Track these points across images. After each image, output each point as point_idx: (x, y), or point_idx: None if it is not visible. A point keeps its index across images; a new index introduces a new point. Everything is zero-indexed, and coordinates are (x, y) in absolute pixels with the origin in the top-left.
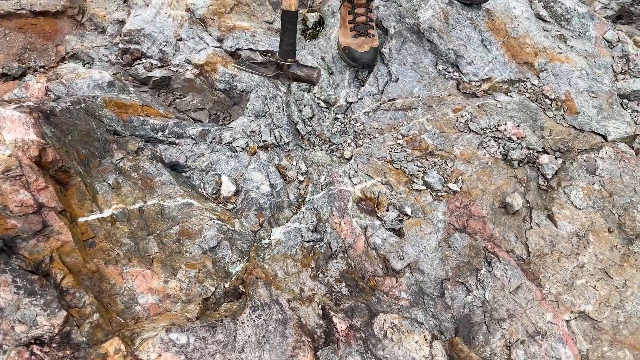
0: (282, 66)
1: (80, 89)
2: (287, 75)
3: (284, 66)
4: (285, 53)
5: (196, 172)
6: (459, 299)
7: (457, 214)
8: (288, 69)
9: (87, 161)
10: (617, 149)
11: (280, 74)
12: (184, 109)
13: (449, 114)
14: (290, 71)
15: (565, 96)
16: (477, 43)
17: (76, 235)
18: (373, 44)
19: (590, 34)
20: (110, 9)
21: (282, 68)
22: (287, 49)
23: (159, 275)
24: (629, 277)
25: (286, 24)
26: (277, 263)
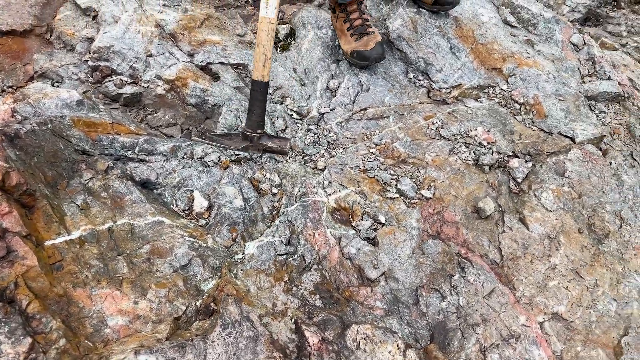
0: (252, 138)
1: (48, 109)
2: (257, 147)
3: (253, 138)
4: (255, 124)
5: (168, 189)
6: (433, 305)
7: (431, 220)
8: (258, 140)
9: (54, 183)
10: (585, 151)
11: (250, 146)
12: (156, 125)
13: (420, 121)
14: (260, 143)
15: (533, 100)
16: (446, 50)
17: (42, 259)
18: (377, 39)
19: (556, 38)
20: (79, 26)
21: (251, 140)
22: (257, 120)
23: (128, 296)
24: (600, 277)
25: (257, 95)
26: (250, 278)
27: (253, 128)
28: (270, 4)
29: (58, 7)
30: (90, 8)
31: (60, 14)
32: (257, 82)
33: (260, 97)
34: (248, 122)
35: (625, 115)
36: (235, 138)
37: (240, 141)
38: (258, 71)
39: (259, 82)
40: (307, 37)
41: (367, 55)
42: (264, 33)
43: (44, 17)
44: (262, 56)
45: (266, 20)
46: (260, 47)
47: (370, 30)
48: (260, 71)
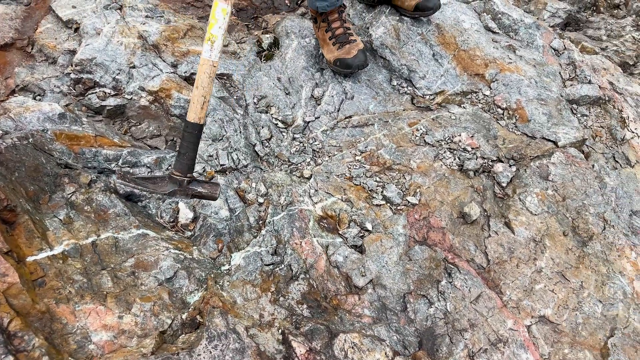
0: (181, 182)
1: (30, 123)
2: (186, 192)
3: (183, 182)
4: (186, 167)
5: (152, 201)
6: (421, 311)
7: (417, 226)
8: (187, 185)
9: (36, 198)
10: (568, 154)
11: (178, 190)
12: (140, 137)
13: (404, 128)
14: (190, 187)
15: (516, 105)
16: (429, 57)
17: (24, 275)
18: (359, 47)
19: (537, 43)
20: (61, 39)
21: (180, 184)
22: (188, 163)
23: (113, 310)
24: (585, 279)
25: (191, 137)
26: (236, 289)
27: (183, 172)
28: (215, 47)
29: (39, 20)
30: (72, 20)
31: (41, 27)
32: (192, 124)
33: (194, 140)
34: (177, 164)
35: (607, 118)
36: (161, 182)
37: (167, 185)
38: (195, 113)
39: (195, 124)
40: (291, 46)
41: (350, 63)
42: (206, 75)
43: (25, 30)
44: (202, 98)
45: (209, 63)
46: (200, 89)
47: (352, 39)
48: (197, 113)
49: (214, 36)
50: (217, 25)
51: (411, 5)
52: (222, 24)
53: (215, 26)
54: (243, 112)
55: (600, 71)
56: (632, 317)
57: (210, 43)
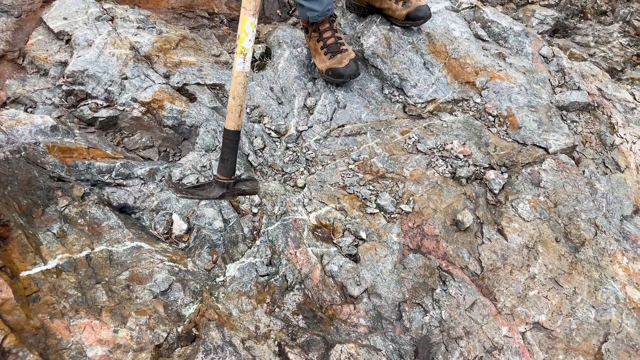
0: (228, 185)
1: (22, 136)
2: (233, 192)
3: (229, 185)
4: (230, 171)
5: (146, 213)
6: (416, 320)
7: (411, 234)
8: (233, 186)
9: (29, 212)
10: (559, 161)
11: (227, 193)
12: (133, 148)
13: (397, 136)
14: (236, 188)
15: (507, 112)
16: (420, 66)
17: (18, 291)
18: (350, 56)
19: (527, 50)
20: (52, 50)
21: (227, 187)
22: (231, 167)
23: (108, 325)
24: (578, 285)
25: (231, 143)
26: (232, 301)
27: (228, 175)
28: (247, 60)
29: (30, 32)
30: (64, 32)
31: (32, 39)
32: (232, 132)
33: (234, 146)
34: (222, 169)
35: (596, 124)
36: (209, 187)
37: (215, 189)
38: (233, 121)
39: (234, 131)
40: (283, 56)
41: (342, 72)
42: (241, 86)
43: (16, 42)
44: (238, 107)
45: (243, 75)
46: (236, 100)
47: (344, 48)
48: (235, 121)
49: (245, 49)
50: (247, 38)
51: (402, 14)
52: (251, 37)
53: (246, 39)
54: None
55: (588, 78)
56: (625, 322)
57: (242, 56)
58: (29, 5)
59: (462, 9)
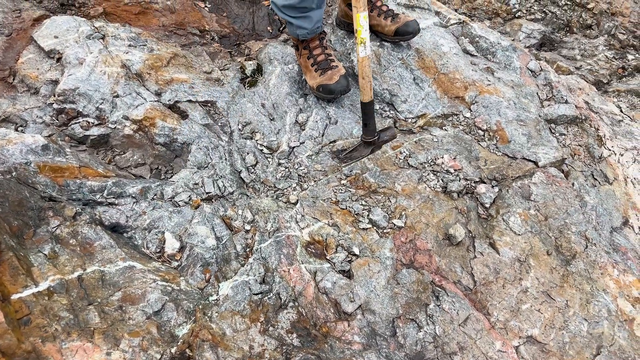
0: (374, 141)
1: (12, 155)
2: (379, 145)
3: (375, 141)
4: (373, 132)
5: (138, 232)
6: (410, 336)
7: (404, 249)
8: (379, 141)
9: (20, 232)
10: (548, 174)
11: (375, 148)
12: (125, 166)
13: (388, 151)
14: (380, 142)
15: (496, 126)
16: (410, 82)
17: (9, 314)
18: (341, 72)
19: (514, 65)
20: (43, 69)
21: (374, 143)
22: (373, 128)
23: (100, 347)
24: (570, 298)
25: (371, 110)
26: (225, 321)
27: (373, 134)
28: (367, 46)
29: (21, 51)
30: (54, 50)
31: (23, 57)
32: (368, 103)
33: (372, 113)
34: (367, 132)
35: (584, 136)
36: (360, 148)
37: (366, 148)
38: (368, 95)
39: (370, 102)
40: (274, 73)
41: (333, 88)
42: (368, 68)
43: (6, 61)
44: (369, 84)
45: (367, 58)
46: (366, 79)
47: (334, 64)
48: (369, 95)
49: (364, 39)
50: (363, 29)
51: (391, 30)
52: (367, 27)
53: (363, 30)
54: (228, 139)
55: (576, 91)
56: (618, 335)
57: (363, 45)
58: (20, 24)
59: (451, 25)
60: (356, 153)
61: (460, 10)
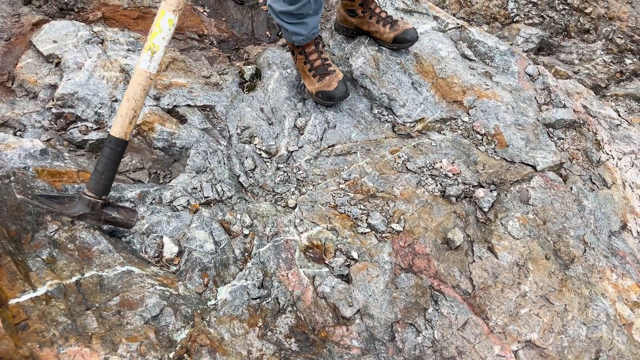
0: (94, 205)
1: (11, 160)
2: (99, 216)
3: (96, 205)
4: (102, 188)
5: (136, 236)
6: (409, 340)
7: (402, 253)
8: (101, 208)
9: (18, 237)
10: (547, 178)
11: (90, 214)
12: (123, 170)
13: (386, 155)
14: (104, 212)
15: (494, 130)
16: (408, 86)
17: (7, 319)
18: (339, 77)
19: (513, 69)
20: (42, 73)
21: (93, 207)
22: (105, 183)
23: (98, 352)
24: (569, 302)
25: (113, 154)
26: (224, 325)
27: (98, 193)
28: (155, 59)
29: (19, 55)
30: (53, 55)
31: (22, 62)
32: (116, 140)
33: (116, 158)
34: (92, 183)
35: (582, 140)
36: (69, 202)
37: (77, 205)
38: (122, 127)
39: (119, 139)
40: (273, 77)
41: (332, 95)
42: (140, 87)
43: (5, 66)
44: (132, 112)
45: (145, 75)
46: (131, 102)
47: (331, 69)
48: (124, 128)
49: (155, 46)
50: (161, 35)
51: (390, 37)
52: (166, 35)
53: (159, 35)
54: (227, 143)
55: (574, 95)
56: (616, 339)
57: (150, 53)
58: (19, 29)
59: (449, 29)
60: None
61: (459, 14)
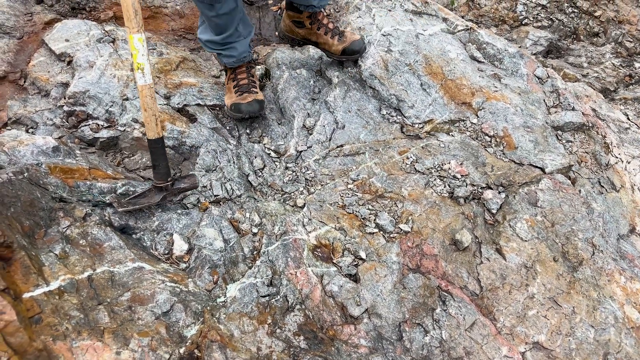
0: (166, 187)
1: (24, 157)
2: (173, 192)
3: (167, 186)
4: (165, 175)
5: (147, 233)
6: (417, 340)
7: (410, 254)
8: (172, 187)
9: (31, 232)
10: (555, 180)
11: (167, 194)
12: (133, 168)
13: (395, 156)
14: (174, 188)
15: (503, 132)
16: (417, 87)
17: (21, 312)
18: (257, 97)
19: (521, 71)
20: (54, 72)
21: (166, 189)
22: (165, 171)
23: (110, 346)
24: (577, 304)
25: (159, 150)
26: (233, 322)
27: (165, 179)
28: (146, 73)
29: (32, 54)
30: (65, 54)
31: (34, 60)
32: (155, 140)
33: (162, 151)
34: (157, 175)
35: (591, 143)
36: (149, 194)
37: (156, 194)
38: (153, 131)
39: (157, 139)
40: (282, 77)
41: (243, 109)
42: (149, 98)
43: (17, 64)
44: (153, 117)
45: (147, 87)
46: (149, 111)
47: (254, 90)
48: (155, 130)
49: (140, 64)
50: (139, 53)
51: (338, 50)
52: (144, 52)
53: (139, 55)
54: (236, 142)
55: (583, 98)
56: (624, 342)
57: (140, 71)
58: (31, 27)
59: (458, 31)
60: (143, 199)
61: (467, 17)
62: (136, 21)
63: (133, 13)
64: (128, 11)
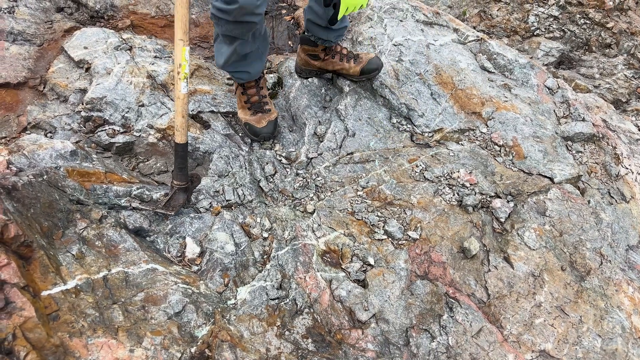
0: (186, 188)
1: (43, 160)
2: (191, 191)
3: (188, 187)
4: (185, 177)
5: (160, 236)
6: (423, 346)
7: (418, 261)
8: (191, 185)
9: (50, 233)
10: (564, 190)
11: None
12: (148, 173)
13: (404, 164)
14: (191, 187)
15: (512, 142)
16: (427, 96)
17: (39, 309)
18: (270, 118)
19: (532, 82)
20: (72, 78)
21: (186, 190)
22: (185, 173)
23: (124, 344)
24: (584, 313)
25: (183, 154)
26: (243, 323)
27: (185, 180)
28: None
29: (52, 60)
30: (84, 61)
31: (53, 67)
32: (183, 145)
33: (186, 156)
34: (181, 177)
35: (601, 154)
36: (175, 196)
37: (181, 195)
38: (182, 136)
39: (184, 144)
40: (294, 86)
41: (258, 132)
42: (186, 106)
43: (37, 70)
44: (185, 123)
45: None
46: (185, 117)
47: (266, 108)
48: (183, 135)
49: (187, 74)
50: (187, 64)
51: (357, 71)
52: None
53: (187, 66)
54: (248, 148)
55: (593, 109)
56: (631, 352)
57: (186, 81)
58: (51, 35)
59: (469, 42)
60: (180, 201)
61: (479, 27)
62: (187, 34)
63: (187, 26)
64: (184, 25)
